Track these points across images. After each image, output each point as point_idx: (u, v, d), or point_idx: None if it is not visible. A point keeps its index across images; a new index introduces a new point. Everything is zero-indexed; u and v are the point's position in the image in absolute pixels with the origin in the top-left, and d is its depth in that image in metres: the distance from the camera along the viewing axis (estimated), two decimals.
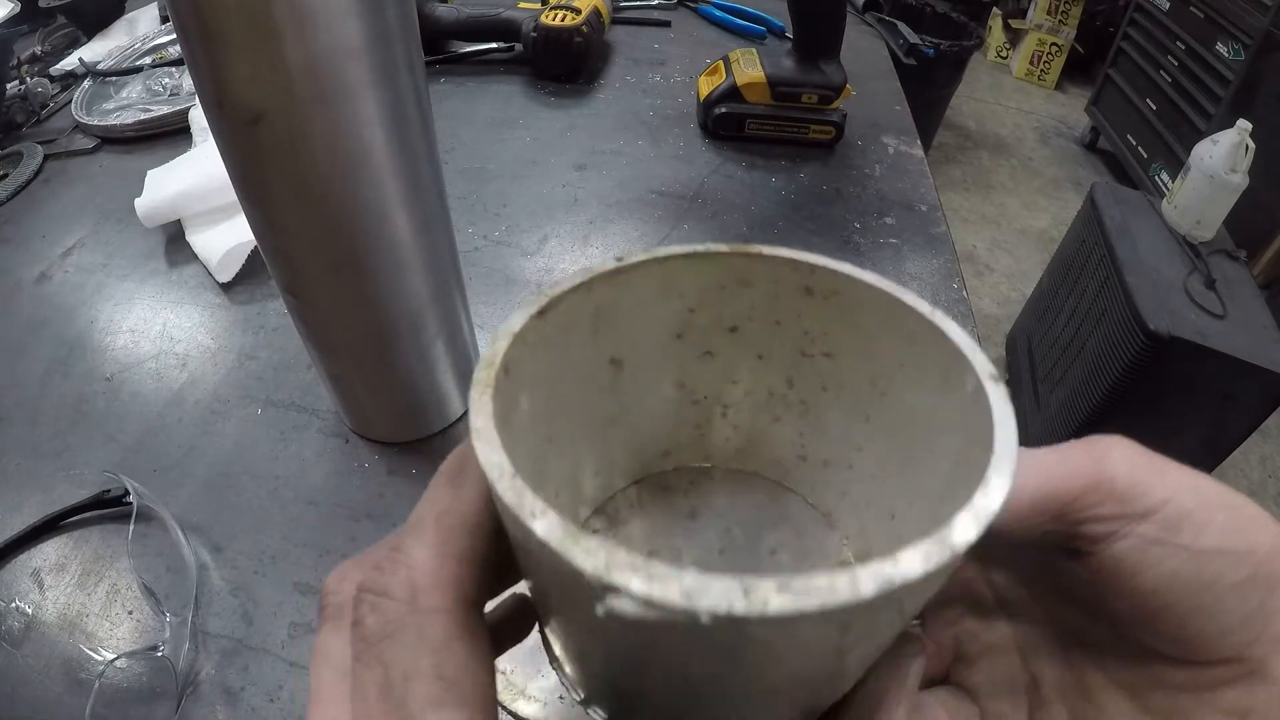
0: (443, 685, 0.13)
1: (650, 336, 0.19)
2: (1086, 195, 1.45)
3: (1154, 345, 1.12)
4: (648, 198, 0.58)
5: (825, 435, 0.20)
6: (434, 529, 0.14)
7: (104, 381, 0.44)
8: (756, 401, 0.21)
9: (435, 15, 0.74)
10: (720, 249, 0.17)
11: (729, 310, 0.19)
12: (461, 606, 0.14)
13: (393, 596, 0.14)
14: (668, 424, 0.21)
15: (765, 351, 0.20)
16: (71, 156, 0.63)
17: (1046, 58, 2.97)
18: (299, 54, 0.24)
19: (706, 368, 0.20)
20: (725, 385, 0.21)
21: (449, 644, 0.13)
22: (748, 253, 0.17)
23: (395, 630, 0.13)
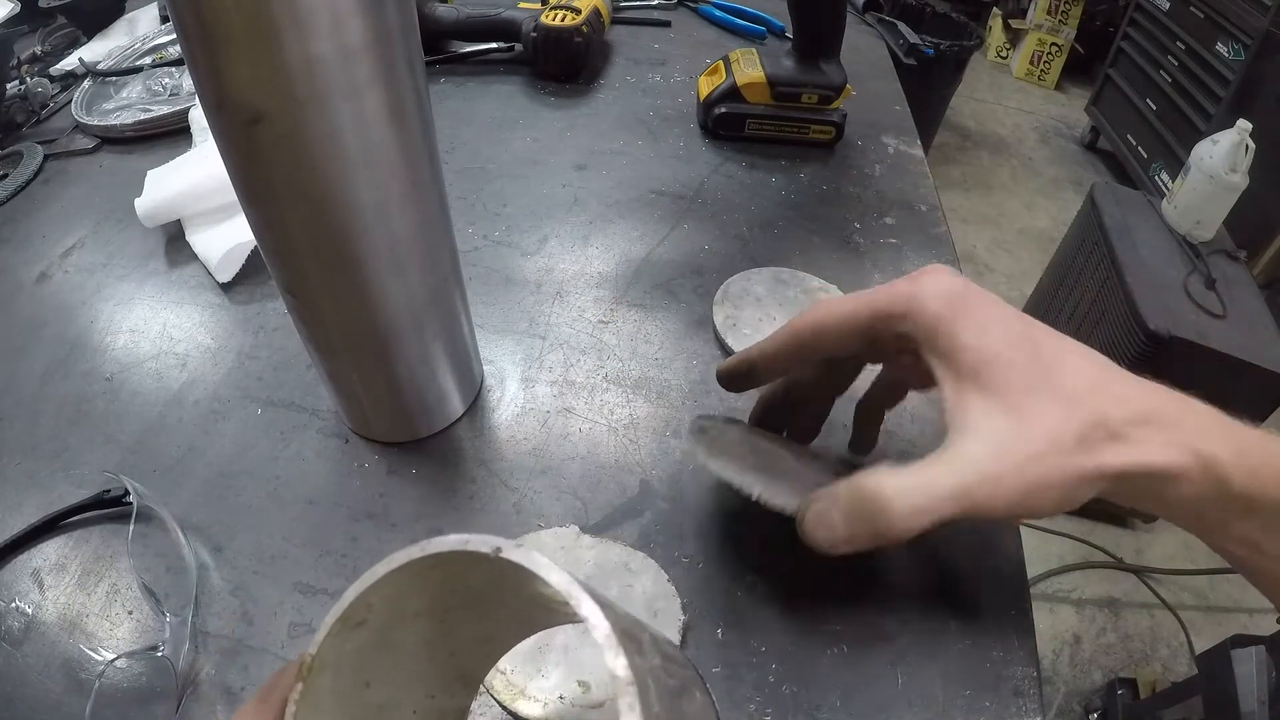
0: None
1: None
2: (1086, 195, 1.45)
3: (1154, 345, 1.12)
4: (648, 198, 0.58)
5: None
6: None
7: (104, 381, 0.44)
8: None
9: (435, 15, 0.74)
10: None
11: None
12: None
13: None
14: None
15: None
16: (71, 156, 0.63)
17: (1046, 58, 2.97)
18: (299, 54, 0.24)
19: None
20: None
21: None
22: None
23: None
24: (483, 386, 0.43)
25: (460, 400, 0.41)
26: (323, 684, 0.19)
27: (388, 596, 0.19)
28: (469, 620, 0.22)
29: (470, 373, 0.42)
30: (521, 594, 0.19)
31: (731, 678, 0.31)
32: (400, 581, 0.19)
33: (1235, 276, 1.25)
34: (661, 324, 0.48)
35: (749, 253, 0.53)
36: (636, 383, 0.44)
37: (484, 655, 0.25)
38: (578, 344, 0.46)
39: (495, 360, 0.45)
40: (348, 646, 0.19)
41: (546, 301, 0.49)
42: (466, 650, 0.24)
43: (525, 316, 0.48)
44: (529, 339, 0.46)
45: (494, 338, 0.46)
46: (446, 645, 0.23)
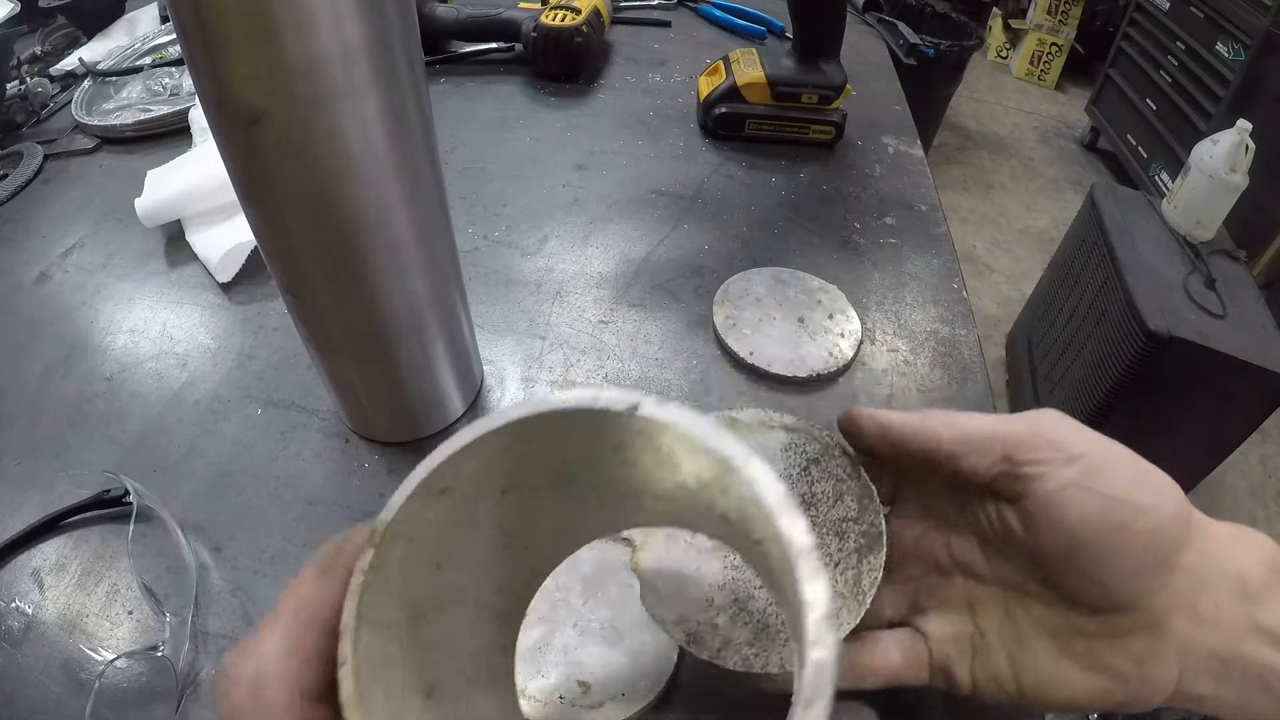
0: None
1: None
2: (1086, 195, 1.45)
3: (1154, 345, 1.12)
4: (648, 198, 0.58)
5: None
6: (288, 623, 0.15)
7: (104, 381, 0.44)
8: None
9: (435, 15, 0.74)
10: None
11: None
12: (300, 701, 0.15)
13: (240, 684, 0.15)
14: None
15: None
16: (71, 156, 0.63)
17: (1046, 58, 2.97)
18: (299, 54, 0.24)
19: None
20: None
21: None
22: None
23: (238, 718, 0.14)
24: (483, 386, 0.43)
25: (460, 400, 0.41)
26: (394, 556, 0.16)
27: (483, 463, 0.17)
28: (557, 505, 0.20)
29: (470, 372, 0.42)
30: (638, 466, 0.17)
31: (732, 678, 0.31)
32: (499, 445, 0.16)
33: (1235, 276, 1.25)
34: (661, 324, 0.48)
35: (749, 253, 0.53)
36: (636, 383, 0.44)
37: (555, 551, 0.23)
38: (578, 344, 0.46)
39: (495, 360, 0.45)
40: (428, 515, 0.17)
41: (546, 301, 0.49)
42: (542, 543, 0.22)
43: (525, 316, 0.48)
44: (529, 339, 0.46)
45: (494, 338, 0.46)
46: (524, 534, 0.21)
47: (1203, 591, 0.19)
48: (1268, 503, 1.53)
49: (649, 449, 0.16)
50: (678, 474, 0.16)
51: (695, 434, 0.14)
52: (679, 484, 0.17)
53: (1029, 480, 0.20)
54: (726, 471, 0.14)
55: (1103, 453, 0.19)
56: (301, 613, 0.15)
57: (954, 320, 0.49)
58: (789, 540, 0.12)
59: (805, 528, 0.12)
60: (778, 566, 0.13)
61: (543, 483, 0.19)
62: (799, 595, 0.12)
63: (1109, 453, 0.19)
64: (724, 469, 0.14)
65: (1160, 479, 0.19)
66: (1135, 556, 0.19)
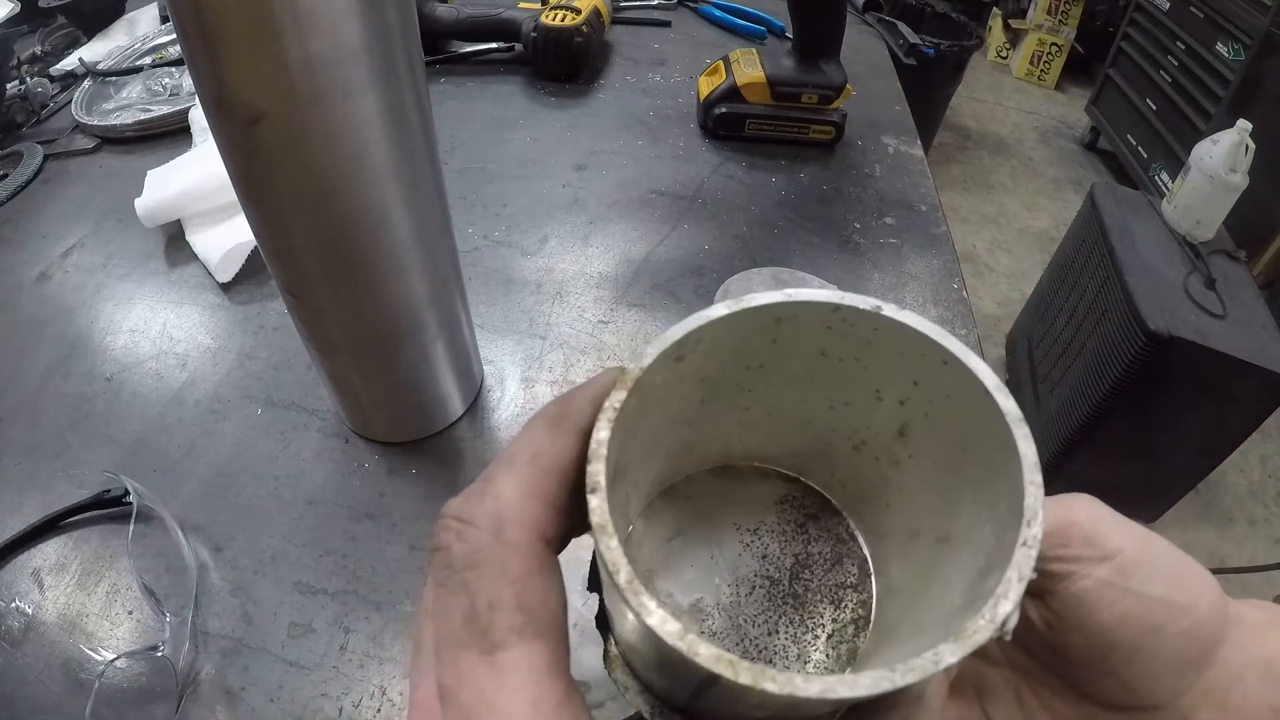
0: (524, 616, 0.14)
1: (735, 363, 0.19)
2: (1086, 195, 1.45)
3: (1154, 345, 1.12)
4: (648, 198, 0.58)
5: (878, 468, 0.21)
6: (526, 467, 0.15)
7: (104, 381, 0.44)
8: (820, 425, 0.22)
9: (435, 15, 0.74)
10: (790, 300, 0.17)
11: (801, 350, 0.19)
12: (540, 543, 0.14)
13: (477, 525, 0.14)
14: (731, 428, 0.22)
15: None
16: (71, 156, 0.63)
17: (1046, 58, 2.97)
18: (299, 54, 0.24)
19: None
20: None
21: (528, 578, 0.14)
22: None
23: (480, 560, 0.14)
24: (483, 386, 0.43)
25: (460, 400, 0.41)
26: (629, 407, 0.16)
27: (716, 340, 0.17)
28: (740, 405, 0.20)
29: (470, 373, 0.42)
30: (867, 366, 0.18)
31: None
32: (737, 327, 0.17)
33: (1235, 276, 1.25)
34: (662, 324, 0.48)
35: (749, 253, 0.53)
36: None
37: (690, 459, 0.22)
38: (578, 344, 0.46)
39: (495, 360, 0.45)
40: (655, 379, 0.16)
41: (546, 301, 0.49)
42: (705, 446, 0.21)
43: (525, 316, 0.48)
44: (529, 339, 0.46)
45: (494, 338, 0.46)
46: (691, 430, 0.20)
47: (1233, 687, 0.18)
48: (1268, 503, 1.53)
49: (885, 348, 0.17)
50: (902, 373, 0.17)
51: (928, 333, 0.16)
52: (898, 381, 0.18)
53: (1058, 578, 0.18)
54: (946, 364, 0.16)
55: (1139, 548, 0.18)
56: (539, 460, 0.15)
57: (954, 320, 0.49)
58: (1006, 410, 0.15)
59: (1015, 405, 0.15)
60: (992, 431, 0.15)
61: (743, 384, 0.19)
62: (1017, 447, 0.14)
63: (1146, 548, 0.18)
64: (945, 362, 0.16)
65: (1197, 572, 0.18)
66: (1169, 660, 0.17)
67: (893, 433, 0.19)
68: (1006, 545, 0.14)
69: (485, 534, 0.14)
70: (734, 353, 0.18)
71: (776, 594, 0.22)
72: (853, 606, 0.22)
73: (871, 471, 0.21)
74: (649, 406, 0.17)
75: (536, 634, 0.14)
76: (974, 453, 0.16)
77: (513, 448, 0.16)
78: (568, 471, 0.15)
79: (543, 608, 0.14)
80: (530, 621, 0.14)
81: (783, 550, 0.22)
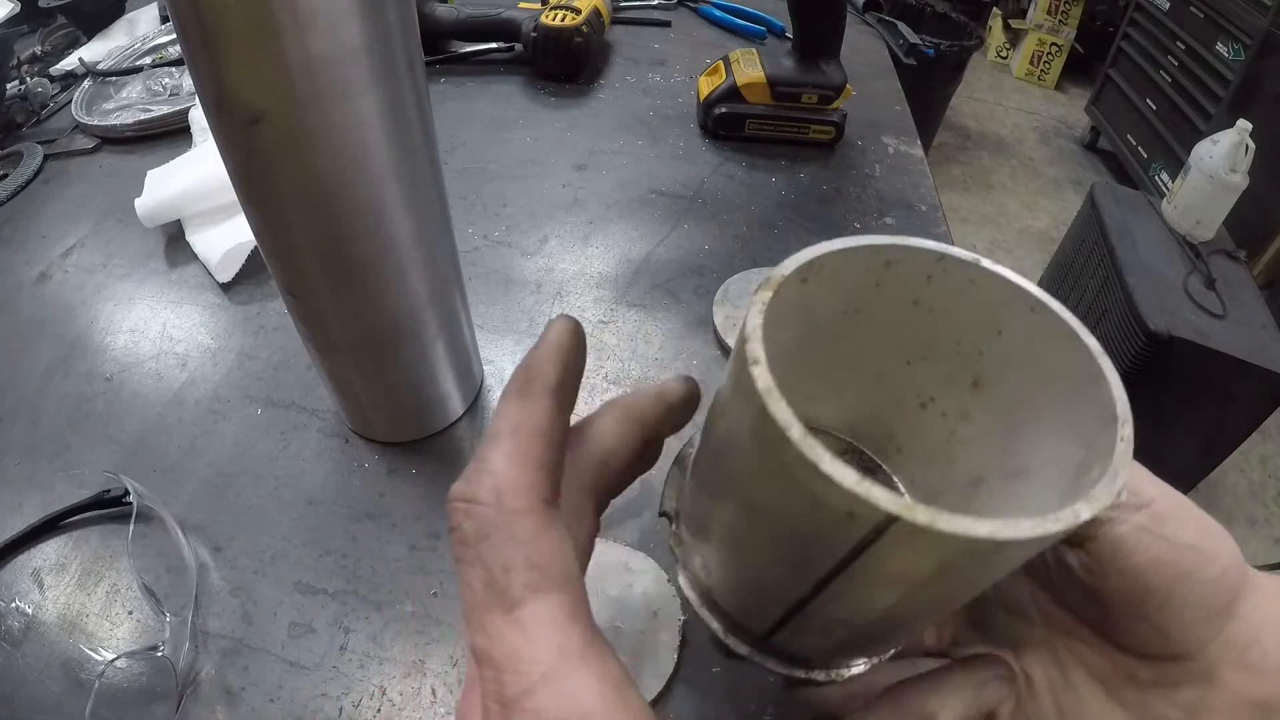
0: (538, 573, 0.15)
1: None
2: (1086, 195, 1.45)
3: (1154, 345, 1.12)
4: (648, 198, 0.58)
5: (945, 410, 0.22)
6: (510, 439, 0.16)
7: (104, 381, 0.44)
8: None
9: (435, 15, 0.74)
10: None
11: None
12: (540, 504, 0.16)
13: (481, 501, 0.15)
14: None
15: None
16: (71, 156, 0.63)
17: (1046, 58, 2.97)
18: (299, 54, 0.24)
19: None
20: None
21: (535, 538, 0.15)
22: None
23: (489, 531, 0.15)
24: (483, 386, 0.43)
25: (460, 400, 0.41)
26: (774, 304, 0.16)
27: (834, 273, 0.18)
28: (825, 354, 0.21)
29: (470, 373, 0.42)
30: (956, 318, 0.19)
31: (732, 678, 0.31)
32: (853, 263, 0.18)
33: (1235, 276, 1.25)
34: (661, 324, 0.48)
35: (749, 253, 0.53)
36: (636, 383, 0.44)
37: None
38: None
39: (495, 360, 0.45)
40: (786, 296, 0.17)
41: (546, 301, 0.49)
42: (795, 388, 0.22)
43: (525, 316, 0.48)
44: (529, 339, 0.46)
45: (494, 338, 0.46)
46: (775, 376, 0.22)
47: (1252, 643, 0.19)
48: (1268, 503, 1.53)
49: (977, 299, 0.18)
50: (988, 323, 0.19)
51: (1020, 283, 0.17)
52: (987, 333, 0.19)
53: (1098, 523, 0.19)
54: (1033, 311, 0.17)
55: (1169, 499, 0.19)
56: (520, 429, 0.16)
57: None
58: (1091, 346, 0.17)
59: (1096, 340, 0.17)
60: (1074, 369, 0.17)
61: (837, 330, 0.20)
62: (1104, 373, 0.16)
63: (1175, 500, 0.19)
64: (1032, 309, 0.17)
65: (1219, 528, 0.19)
66: (1198, 605, 0.18)
67: (966, 385, 0.20)
68: (1103, 445, 0.15)
69: (489, 508, 0.15)
70: (842, 291, 0.19)
71: None
72: None
73: (934, 429, 0.22)
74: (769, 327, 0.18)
75: (552, 587, 0.15)
76: (1057, 387, 0.18)
77: (494, 424, 0.17)
78: (549, 431, 0.17)
79: (554, 562, 0.15)
80: (544, 577, 0.15)
81: None
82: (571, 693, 0.14)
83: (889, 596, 0.16)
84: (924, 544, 0.13)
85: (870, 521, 0.13)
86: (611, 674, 0.14)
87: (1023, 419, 0.19)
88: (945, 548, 0.13)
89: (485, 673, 0.14)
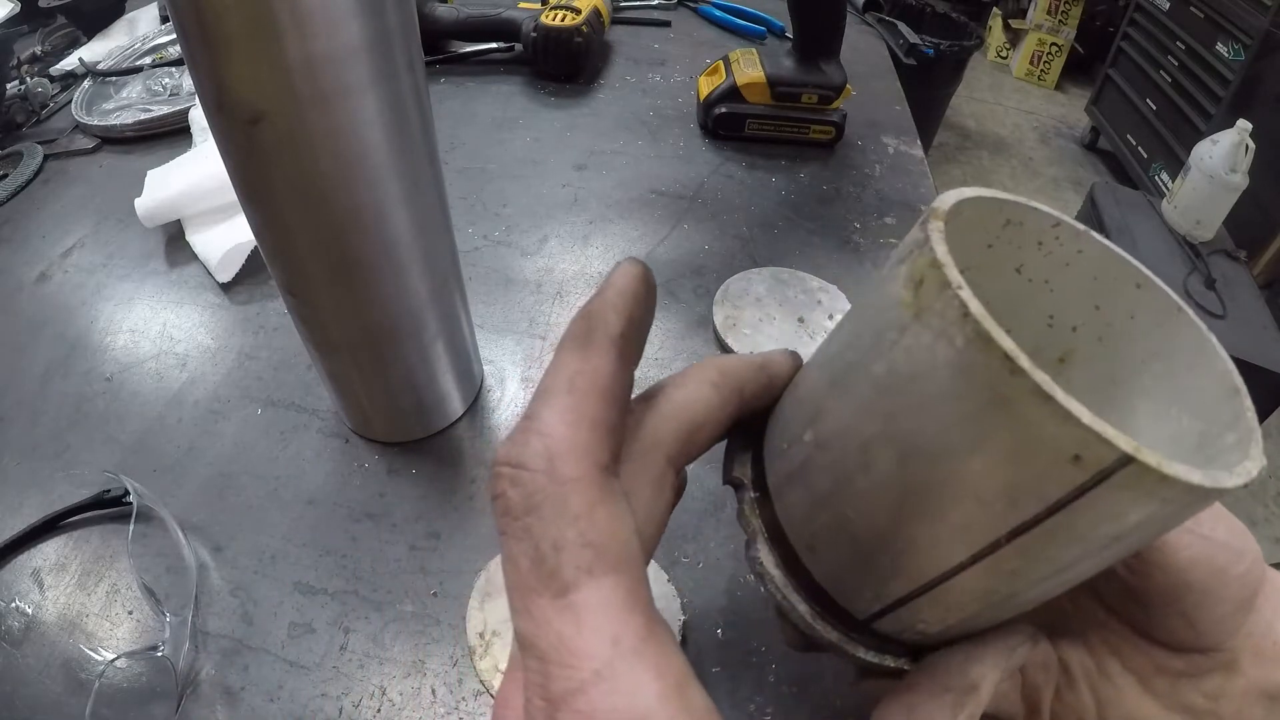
0: (592, 552, 0.13)
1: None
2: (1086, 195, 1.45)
3: None
4: (648, 198, 0.58)
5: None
6: (566, 394, 0.14)
7: (104, 381, 0.44)
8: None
9: (435, 15, 0.74)
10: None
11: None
12: (597, 471, 0.14)
13: (530, 467, 0.14)
14: None
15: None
16: (71, 156, 0.63)
17: (1046, 58, 2.97)
18: (299, 54, 0.24)
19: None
20: None
21: (591, 511, 0.13)
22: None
23: (538, 502, 0.13)
24: (483, 386, 0.43)
25: (460, 400, 0.41)
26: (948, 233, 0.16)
27: (964, 221, 0.17)
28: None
29: (470, 373, 0.42)
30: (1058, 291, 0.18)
31: (732, 678, 0.31)
32: (980, 213, 0.17)
33: (1235, 276, 1.25)
34: (661, 324, 0.48)
35: (749, 253, 0.53)
36: (636, 383, 0.44)
37: None
38: None
39: (495, 360, 0.45)
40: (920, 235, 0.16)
41: (546, 301, 0.49)
42: None
43: (525, 316, 0.48)
44: (529, 339, 0.46)
45: (494, 338, 0.46)
46: None
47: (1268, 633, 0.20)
48: (1268, 502, 1.53)
49: (1081, 272, 0.18)
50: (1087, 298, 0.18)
51: (1128, 258, 0.17)
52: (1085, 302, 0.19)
53: None
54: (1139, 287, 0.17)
55: None
56: (577, 381, 0.14)
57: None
58: (1197, 323, 0.16)
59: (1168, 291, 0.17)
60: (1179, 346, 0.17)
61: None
62: (1215, 349, 0.16)
63: None
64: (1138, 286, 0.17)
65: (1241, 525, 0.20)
66: (1229, 601, 0.19)
67: (1052, 360, 0.20)
68: (1228, 415, 0.15)
69: (539, 474, 0.14)
70: (963, 245, 0.17)
71: None
72: None
73: None
74: None
75: (607, 569, 0.13)
76: (1159, 364, 0.17)
77: (547, 377, 0.15)
78: (610, 387, 0.15)
79: (612, 540, 0.13)
80: (599, 557, 0.13)
81: None
82: (628, 692, 0.12)
83: (1061, 560, 0.14)
84: (1145, 491, 0.12)
85: (1098, 464, 0.12)
86: (673, 670, 0.13)
87: (1111, 394, 0.18)
88: (1162, 496, 0.12)
89: (530, 663, 0.13)
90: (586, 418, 0.14)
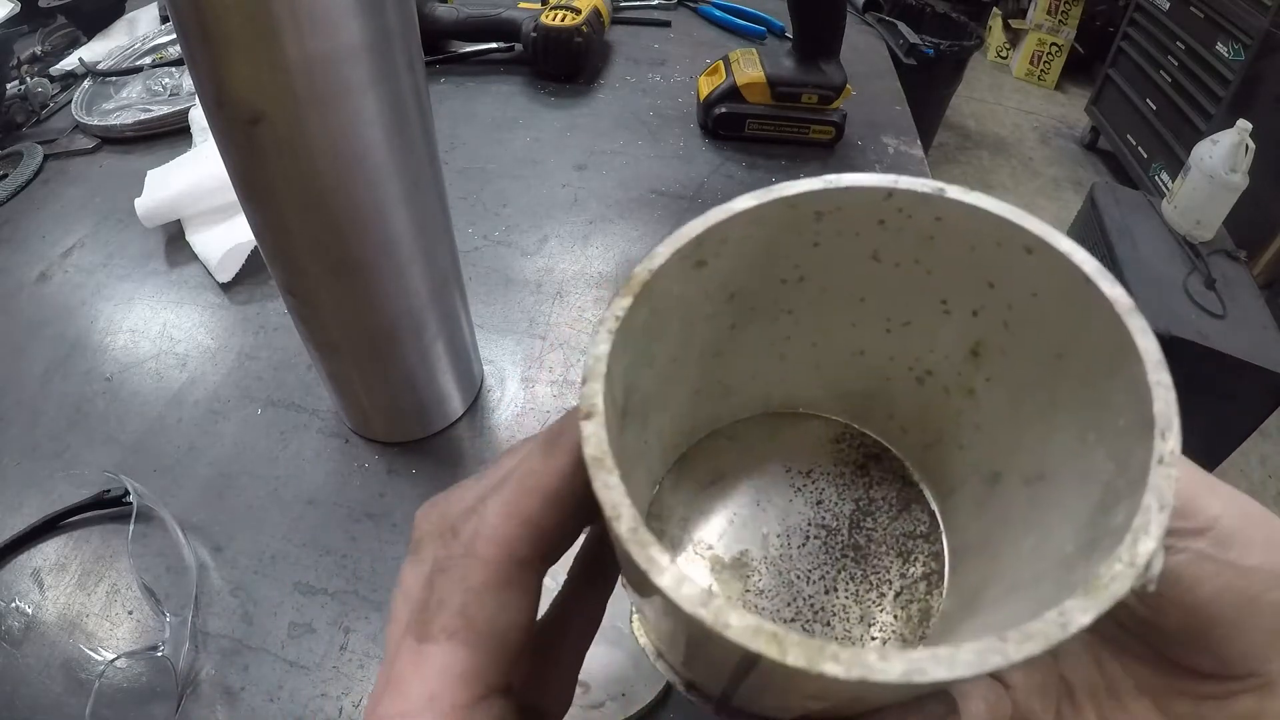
0: (461, 622, 0.14)
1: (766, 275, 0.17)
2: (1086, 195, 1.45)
3: None
4: (648, 198, 0.58)
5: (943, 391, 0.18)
6: (513, 488, 0.16)
7: (104, 381, 0.44)
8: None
9: (435, 15, 0.74)
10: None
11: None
12: (510, 564, 0.15)
13: (458, 537, 0.15)
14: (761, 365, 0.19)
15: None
16: (71, 156, 0.63)
17: (1046, 58, 2.97)
18: (299, 54, 0.24)
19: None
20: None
21: (482, 592, 0.15)
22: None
23: (448, 566, 0.15)
24: (483, 386, 0.43)
25: (460, 400, 0.41)
26: (638, 320, 0.13)
27: (744, 240, 0.14)
28: (779, 332, 0.17)
29: (470, 373, 0.42)
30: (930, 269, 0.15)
31: None
32: (769, 223, 0.14)
33: (1235, 276, 1.25)
34: None
35: None
36: None
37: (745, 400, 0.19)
38: (578, 344, 0.46)
39: (495, 360, 0.45)
40: (672, 289, 0.14)
41: (546, 301, 0.49)
42: (741, 386, 0.19)
43: (525, 316, 0.48)
44: (529, 339, 0.46)
45: (494, 338, 0.46)
46: (723, 365, 0.18)
47: None
48: (1268, 503, 1.53)
49: (951, 243, 0.14)
50: (974, 273, 0.15)
51: (1005, 214, 0.13)
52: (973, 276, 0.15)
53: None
54: (1031, 253, 0.13)
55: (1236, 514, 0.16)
56: (528, 479, 0.16)
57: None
58: (1114, 298, 0.12)
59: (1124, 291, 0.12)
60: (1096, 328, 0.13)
61: (779, 302, 0.17)
62: (1134, 343, 0.12)
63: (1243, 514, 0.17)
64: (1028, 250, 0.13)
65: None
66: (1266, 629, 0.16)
67: (964, 354, 0.17)
68: (1135, 468, 0.12)
69: (459, 545, 0.15)
70: (767, 259, 0.15)
71: (834, 546, 0.19)
72: (924, 559, 0.19)
73: (940, 407, 0.18)
74: (666, 324, 0.15)
75: (466, 641, 0.14)
76: (1072, 361, 0.14)
77: (511, 465, 0.16)
78: (556, 490, 0.15)
79: (485, 622, 0.15)
80: (465, 629, 0.14)
81: (840, 495, 0.20)
82: None
83: (819, 702, 0.13)
84: (815, 680, 0.10)
85: (739, 651, 0.10)
86: None
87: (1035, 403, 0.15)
88: (845, 687, 0.10)
89: (379, 677, 0.15)
90: (520, 514, 0.15)
